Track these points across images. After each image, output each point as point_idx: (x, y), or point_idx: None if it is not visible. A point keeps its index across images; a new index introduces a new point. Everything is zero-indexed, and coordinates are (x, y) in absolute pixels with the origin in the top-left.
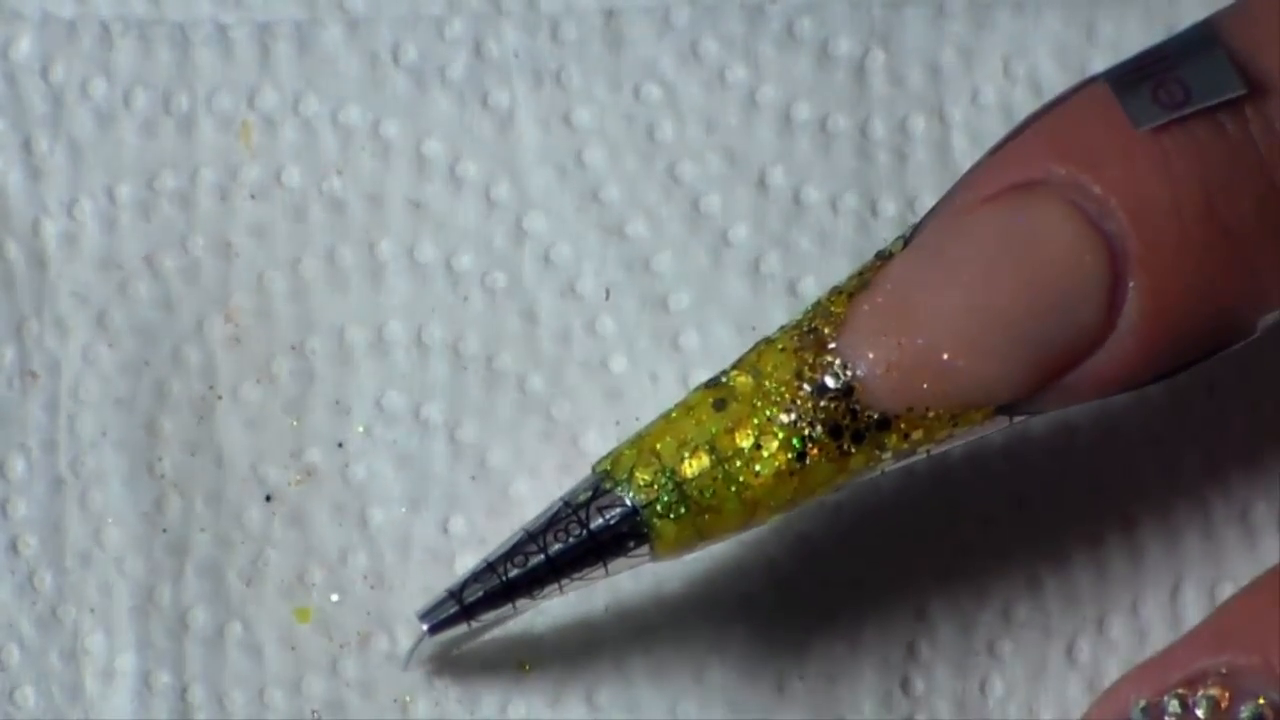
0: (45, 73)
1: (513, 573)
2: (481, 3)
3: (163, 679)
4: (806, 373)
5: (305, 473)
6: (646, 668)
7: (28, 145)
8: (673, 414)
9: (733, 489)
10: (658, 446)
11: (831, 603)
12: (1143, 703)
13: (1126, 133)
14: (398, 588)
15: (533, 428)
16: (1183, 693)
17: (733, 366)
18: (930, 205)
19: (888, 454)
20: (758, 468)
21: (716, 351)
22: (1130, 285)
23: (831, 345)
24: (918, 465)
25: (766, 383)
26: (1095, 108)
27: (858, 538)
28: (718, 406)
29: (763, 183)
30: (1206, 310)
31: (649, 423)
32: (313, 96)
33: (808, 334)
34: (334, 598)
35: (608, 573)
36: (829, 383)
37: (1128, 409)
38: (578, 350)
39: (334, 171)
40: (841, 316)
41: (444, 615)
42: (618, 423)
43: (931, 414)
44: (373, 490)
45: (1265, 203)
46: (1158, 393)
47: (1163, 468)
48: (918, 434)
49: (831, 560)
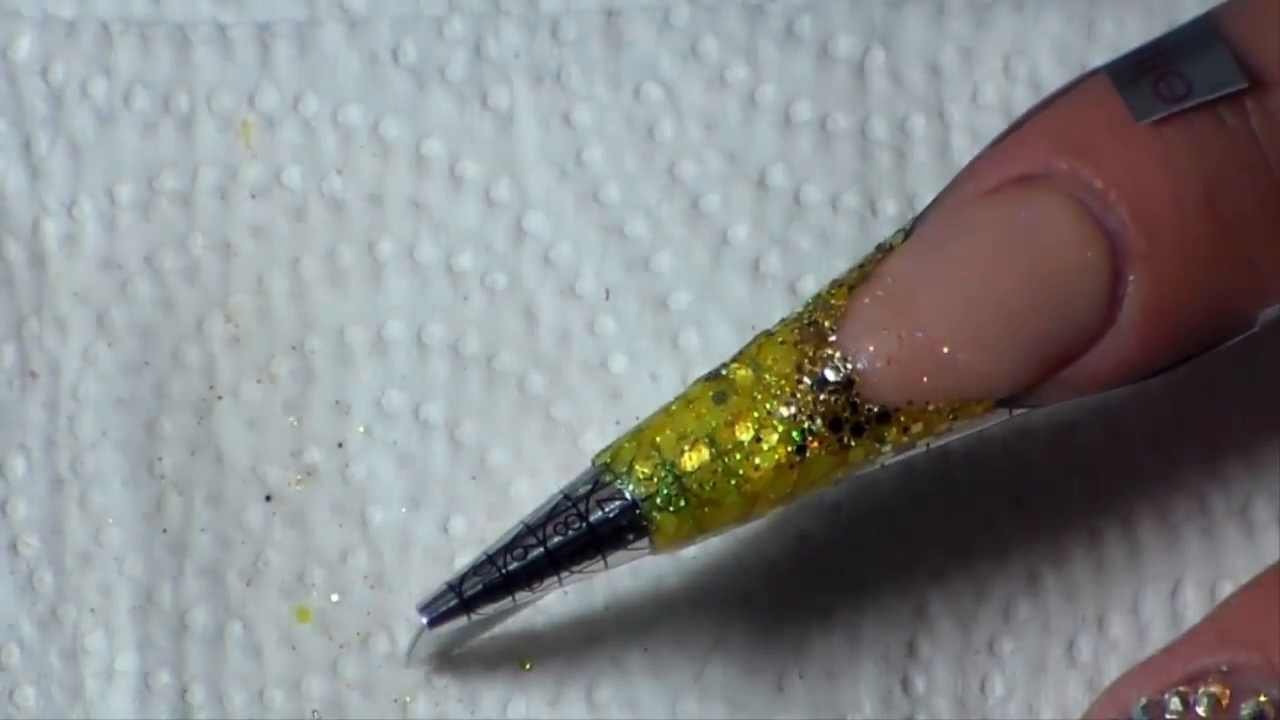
0: (45, 73)
1: (512, 566)
2: (481, 2)
3: (163, 679)
4: (806, 366)
5: (305, 473)
6: (646, 666)
7: (28, 145)
8: (672, 407)
9: (732, 482)
10: (657, 439)
11: (831, 601)
12: (1144, 700)
13: (1127, 126)
14: (398, 588)
15: (533, 428)
16: (1184, 690)
17: (733, 359)
18: None
19: (887, 447)
20: (757, 460)
21: (716, 351)
22: (1130, 279)
23: (832, 338)
24: (917, 464)
25: (766, 376)
26: (1096, 101)
27: (857, 536)
28: (718, 399)
29: (763, 182)
30: (1207, 304)
31: (649, 416)
32: (313, 96)
33: (808, 327)
34: (334, 598)
35: (607, 566)
36: (829, 376)
37: (1128, 408)
38: (578, 350)
39: (334, 171)
40: (842, 309)
41: (443, 608)
42: (618, 422)
43: (931, 407)
44: (373, 490)
45: (1266, 197)
46: (1158, 392)
47: (1163, 467)
48: (917, 427)
49: (831, 559)
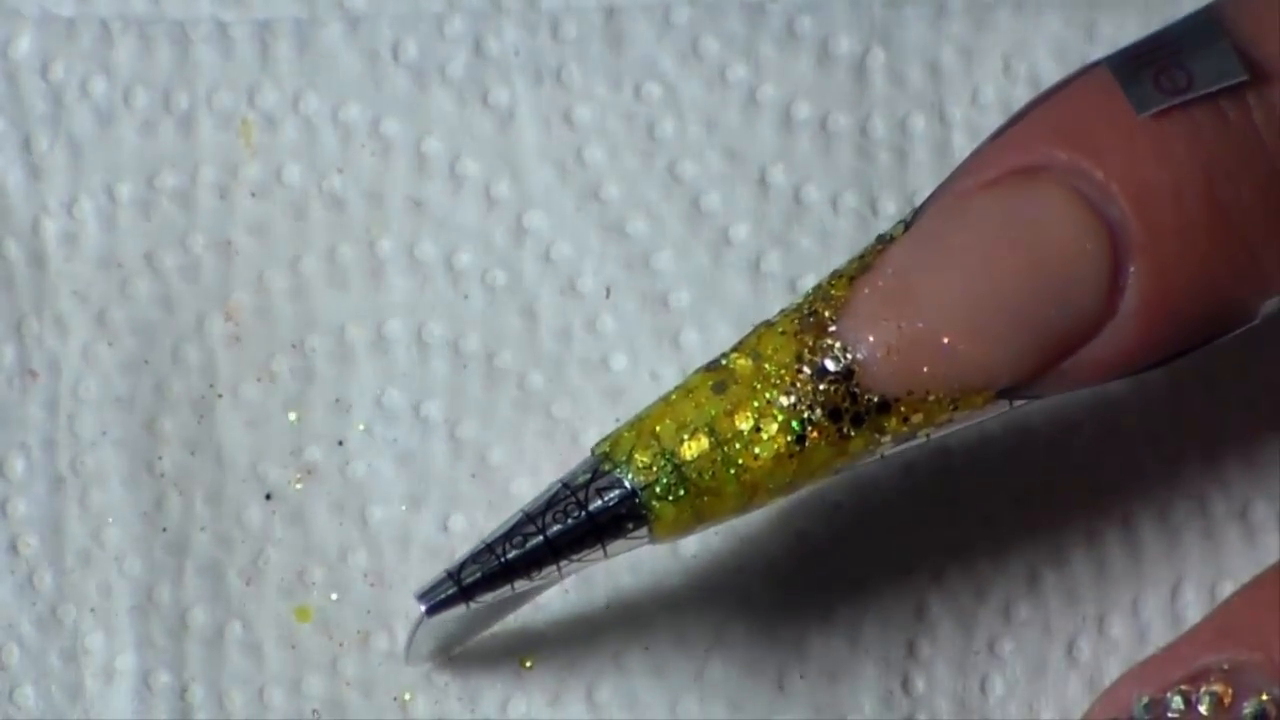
0: (45, 71)
1: (511, 554)
2: (481, 1)
3: (163, 679)
4: (806, 355)
5: (305, 471)
6: (647, 665)
7: (28, 144)
8: (672, 396)
9: (732, 471)
10: (657, 429)
11: (832, 601)
12: (1145, 699)
13: (1128, 118)
14: (398, 586)
15: (533, 426)
16: (1186, 689)
17: (733, 349)
18: None
19: (887, 437)
20: (757, 450)
21: (717, 350)
22: (1131, 270)
23: (832, 328)
24: (918, 463)
25: (766, 365)
26: (1097, 93)
27: (857, 537)
28: (717, 389)
29: (763, 181)
30: (1207, 296)
31: (648, 405)
32: (313, 94)
33: (808, 317)
34: (334, 596)
35: (606, 555)
36: (829, 366)
37: (1128, 406)
38: (578, 348)
39: (334, 169)
40: (842, 300)
41: (442, 596)
42: (618, 421)
43: (931, 397)
44: (373, 488)
45: (1267, 189)
46: (1158, 391)
47: (1163, 467)
48: (917, 417)
49: (831, 559)
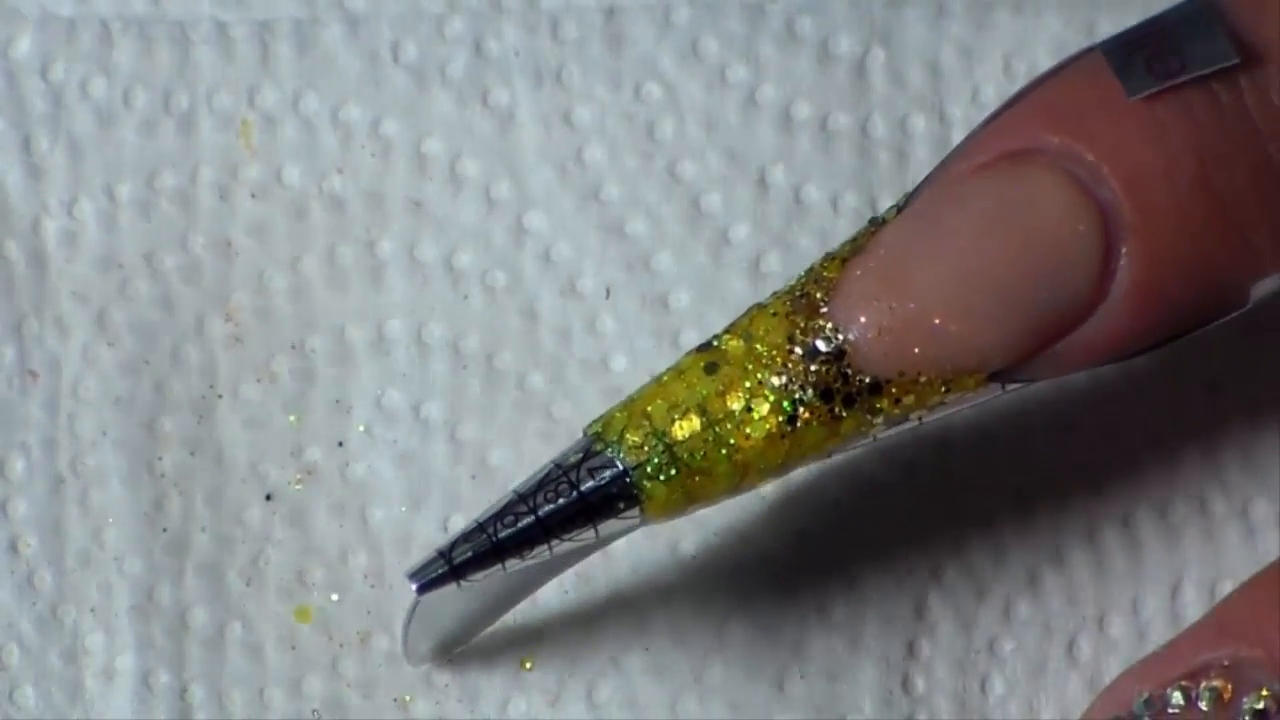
0: (45, 72)
1: (502, 533)
2: (481, 1)
3: (163, 679)
4: (798, 336)
5: (305, 472)
6: (646, 665)
7: (28, 145)
8: (664, 377)
9: (723, 451)
10: (649, 409)
11: (831, 601)
12: (1146, 695)
13: (1120, 101)
14: (398, 587)
15: (533, 427)
16: (1186, 685)
17: (725, 330)
18: None
19: (879, 419)
20: (748, 430)
21: None
22: (1123, 252)
23: (823, 309)
24: (918, 461)
25: (758, 346)
26: (1090, 77)
27: (858, 536)
28: (709, 370)
29: (763, 182)
30: (1199, 278)
31: (641, 386)
32: (313, 95)
33: (800, 298)
34: (334, 597)
35: (598, 535)
36: (820, 346)
37: (1128, 407)
38: (578, 349)
39: (334, 170)
40: (834, 281)
41: (432, 575)
42: None
43: (923, 379)
44: (373, 489)
45: (1259, 172)
46: (1158, 391)
47: (1163, 467)
48: (909, 399)
49: (831, 558)
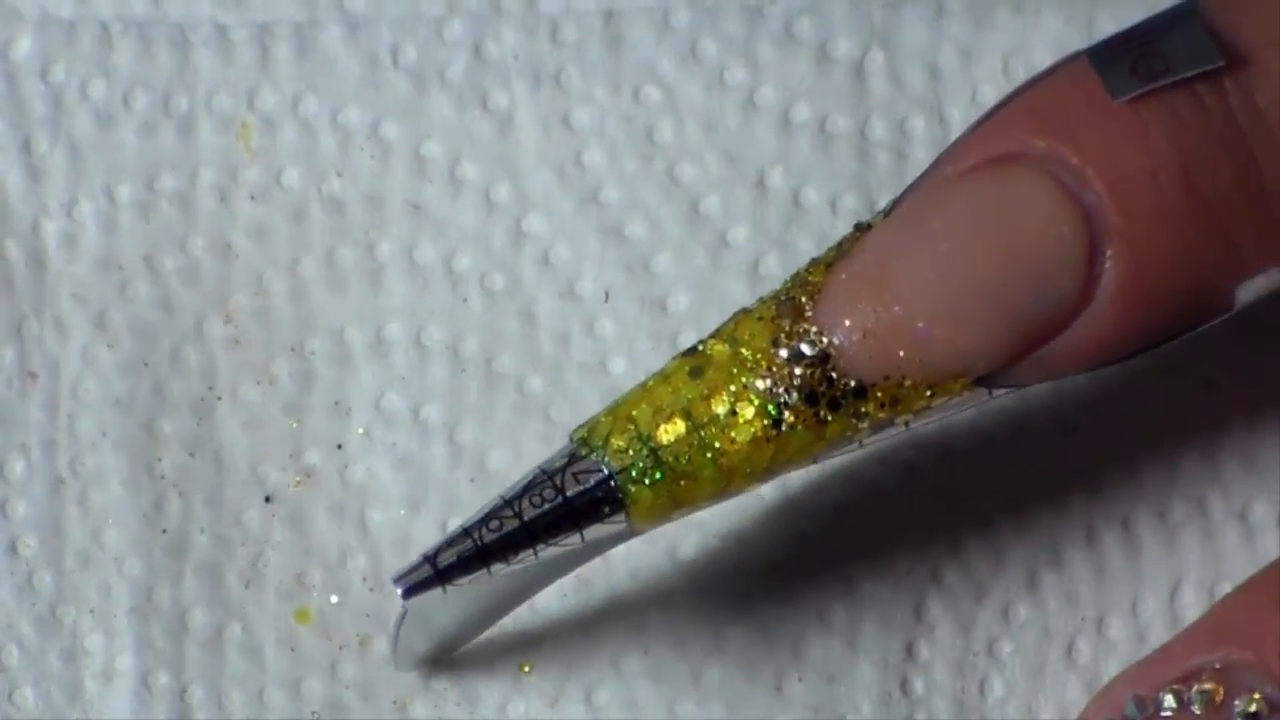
0: (45, 73)
1: (488, 538)
2: (481, 4)
3: (162, 679)
4: (783, 340)
5: (305, 474)
6: (645, 668)
7: (28, 145)
8: (649, 382)
9: (708, 455)
10: (634, 413)
11: (830, 602)
12: (1139, 698)
13: (1104, 105)
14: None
15: (532, 430)
16: (1178, 688)
17: (710, 335)
18: None
19: (865, 423)
20: (734, 434)
21: None
22: (1108, 255)
23: (808, 313)
24: (917, 464)
25: (743, 350)
26: (1075, 81)
27: (857, 538)
28: (694, 374)
29: (762, 184)
30: (1184, 281)
31: (627, 391)
32: (312, 98)
33: (785, 302)
34: (333, 599)
35: (584, 540)
36: (805, 350)
37: (1128, 408)
38: (577, 352)
39: (333, 173)
40: (819, 285)
41: (418, 579)
42: None
43: (908, 383)
44: (372, 492)
45: (1244, 174)
46: (1156, 393)
47: (1162, 469)
48: (895, 403)
49: (830, 559)
